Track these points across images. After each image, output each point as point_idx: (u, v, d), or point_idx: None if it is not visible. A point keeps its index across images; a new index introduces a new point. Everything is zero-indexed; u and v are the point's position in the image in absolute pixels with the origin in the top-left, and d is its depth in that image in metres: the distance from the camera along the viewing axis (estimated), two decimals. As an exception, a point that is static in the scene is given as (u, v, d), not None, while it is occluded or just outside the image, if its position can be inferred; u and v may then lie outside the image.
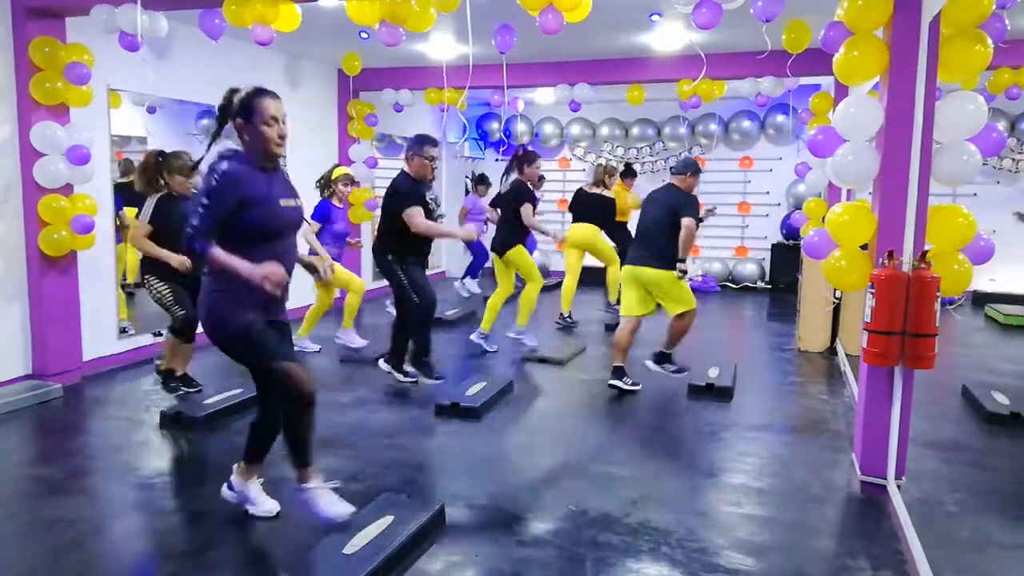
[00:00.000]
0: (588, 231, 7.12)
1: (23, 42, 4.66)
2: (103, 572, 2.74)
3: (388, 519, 2.89)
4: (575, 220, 7.22)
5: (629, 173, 8.23)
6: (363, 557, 2.62)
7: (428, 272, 5.05)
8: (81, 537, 2.92)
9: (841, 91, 5.44)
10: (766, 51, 4.94)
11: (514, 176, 6.00)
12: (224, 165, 2.63)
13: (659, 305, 4.98)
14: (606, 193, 7.31)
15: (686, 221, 4.75)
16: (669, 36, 6.29)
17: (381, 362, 5.20)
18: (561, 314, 7.17)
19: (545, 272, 8.70)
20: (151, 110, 6.45)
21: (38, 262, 4.85)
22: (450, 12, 4.15)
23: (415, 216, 4.59)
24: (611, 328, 6.92)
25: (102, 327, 5.43)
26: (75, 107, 4.90)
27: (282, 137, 2.73)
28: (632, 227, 5.88)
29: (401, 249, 4.73)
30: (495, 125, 10.91)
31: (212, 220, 2.60)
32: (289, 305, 2.99)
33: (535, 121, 10.74)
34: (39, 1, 4.64)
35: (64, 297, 5.02)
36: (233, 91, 2.73)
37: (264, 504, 3.06)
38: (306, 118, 7.50)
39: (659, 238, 4.83)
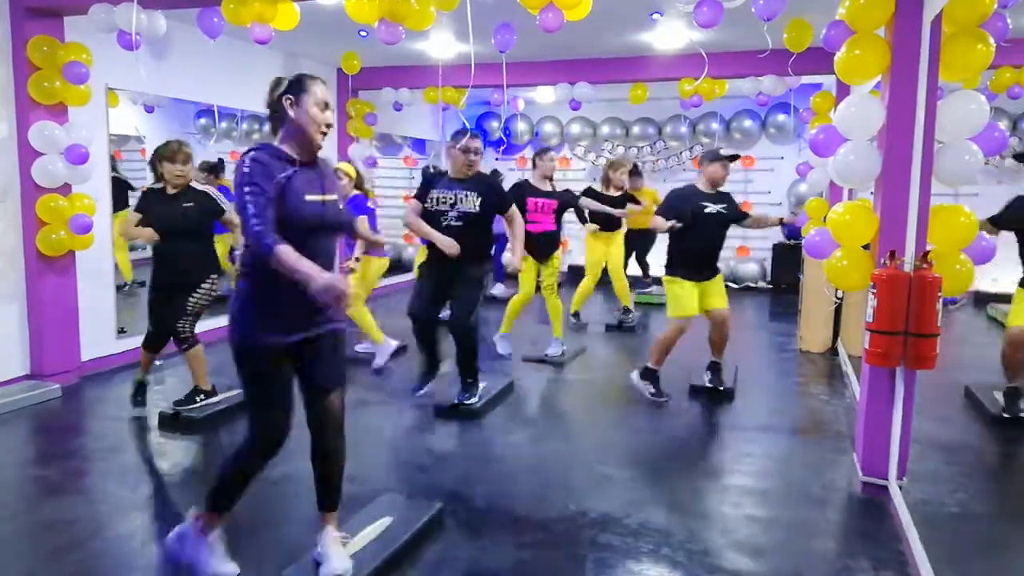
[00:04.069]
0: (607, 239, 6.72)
1: (21, 41, 4.64)
2: (102, 573, 2.73)
3: (388, 520, 2.88)
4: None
5: (636, 172, 7.92)
6: (363, 557, 2.61)
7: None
8: (79, 538, 2.91)
9: (842, 90, 5.43)
10: (767, 50, 4.93)
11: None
12: (251, 153, 2.39)
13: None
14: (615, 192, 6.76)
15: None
16: (670, 35, 6.28)
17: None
18: (574, 313, 6.96)
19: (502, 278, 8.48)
20: (149, 109, 6.43)
21: (36, 262, 4.83)
22: (449, 11, 4.14)
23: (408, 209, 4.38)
24: (611, 328, 6.91)
25: (100, 327, 5.41)
26: (73, 106, 4.89)
27: (328, 125, 2.55)
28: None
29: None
30: (495, 124, 10.88)
31: (264, 207, 2.29)
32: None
33: (535, 120, 10.72)
34: (37, 0, 4.63)
35: (62, 297, 5.01)
36: (278, 80, 2.53)
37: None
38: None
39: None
